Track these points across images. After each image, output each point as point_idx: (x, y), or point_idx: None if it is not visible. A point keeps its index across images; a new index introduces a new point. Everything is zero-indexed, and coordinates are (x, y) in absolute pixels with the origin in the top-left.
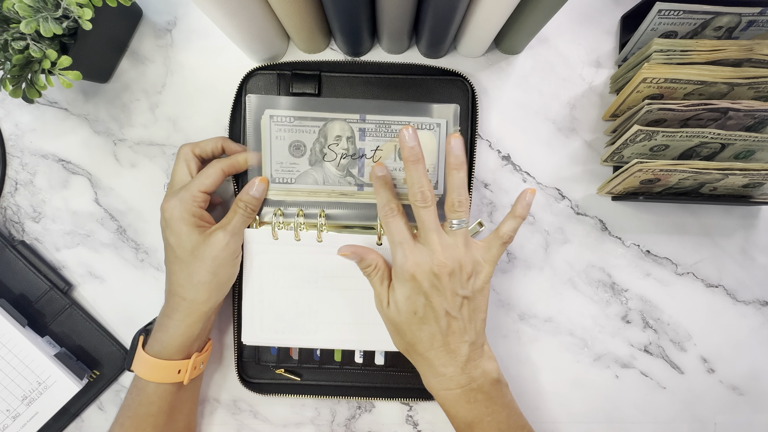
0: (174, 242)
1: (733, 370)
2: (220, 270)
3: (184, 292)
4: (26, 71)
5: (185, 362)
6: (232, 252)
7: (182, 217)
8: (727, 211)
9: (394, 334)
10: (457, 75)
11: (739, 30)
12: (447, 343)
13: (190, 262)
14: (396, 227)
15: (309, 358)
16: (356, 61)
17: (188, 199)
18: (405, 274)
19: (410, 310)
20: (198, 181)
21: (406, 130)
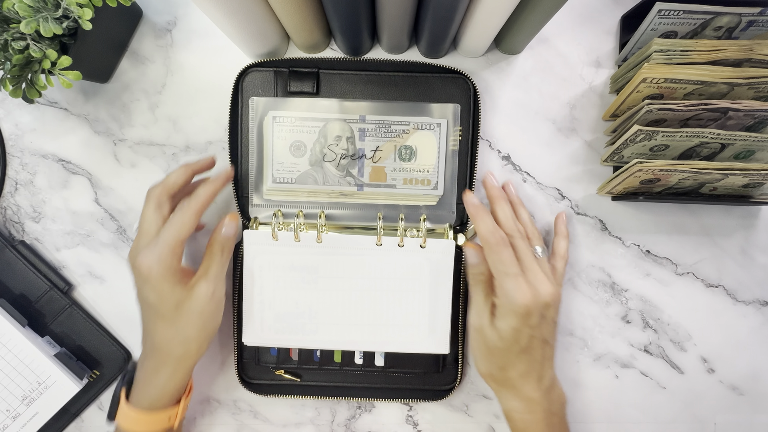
0: (155, 300)
1: (733, 370)
2: (208, 322)
3: (171, 349)
4: (26, 71)
5: (175, 408)
6: (218, 300)
7: (163, 276)
8: (727, 211)
9: (485, 356)
10: (458, 73)
11: (739, 30)
12: (541, 369)
13: (175, 318)
14: (508, 257)
15: (309, 359)
16: (356, 58)
17: (167, 255)
18: (519, 307)
19: (513, 340)
20: (174, 232)
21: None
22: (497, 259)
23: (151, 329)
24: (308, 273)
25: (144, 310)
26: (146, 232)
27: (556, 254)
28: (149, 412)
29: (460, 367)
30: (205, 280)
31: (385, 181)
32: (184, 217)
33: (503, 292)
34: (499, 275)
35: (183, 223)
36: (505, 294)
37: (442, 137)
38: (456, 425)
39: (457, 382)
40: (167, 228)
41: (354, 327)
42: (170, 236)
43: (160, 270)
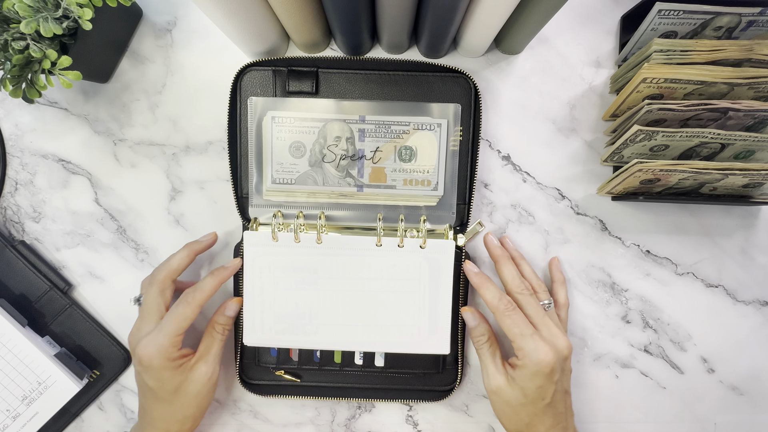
0: (154, 386)
1: (733, 370)
2: (205, 400)
3: (168, 427)
4: (26, 71)
5: None
6: (216, 380)
7: (163, 365)
8: (727, 211)
9: (511, 416)
10: (459, 72)
11: (739, 30)
12: (565, 420)
13: (173, 400)
14: (520, 319)
15: (309, 359)
16: (355, 57)
17: (168, 346)
18: (542, 366)
19: (539, 397)
20: (176, 324)
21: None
22: (511, 324)
23: (149, 408)
24: (308, 274)
25: (142, 391)
26: (148, 317)
27: (558, 303)
28: None
29: (460, 368)
30: (205, 362)
31: (385, 181)
32: (187, 310)
33: (524, 354)
34: (516, 338)
35: (185, 316)
36: (527, 355)
37: (442, 137)
38: (456, 425)
39: (457, 382)
40: (169, 319)
41: (354, 328)
42: (172, 328)
43: (160, 360)
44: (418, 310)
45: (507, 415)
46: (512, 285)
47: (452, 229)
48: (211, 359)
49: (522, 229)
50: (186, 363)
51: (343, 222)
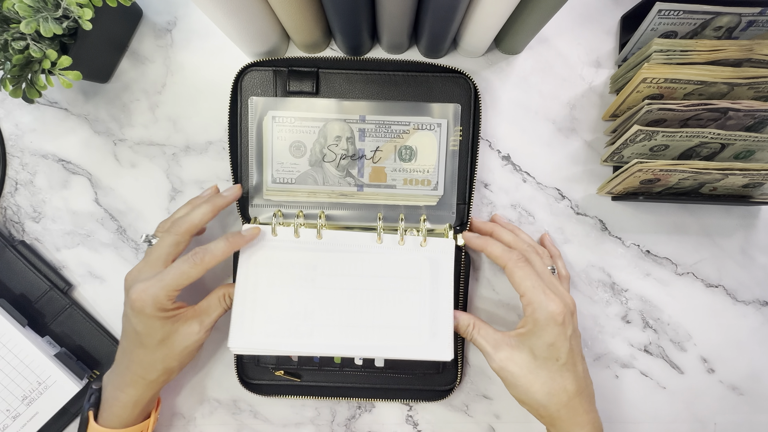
0: (142, 331)
1: (733, 370)
2: (187, 358)
3: (144, 374)
4: (26, 71)
5: (146, 422)
6: (202, 343)
7: (153, 314)
8: (727, 211)
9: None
10: (458, 72)
11: (739, 30)
12: (587, 386)
13: (156, 349)
14: (532, 272)
15: (309, 360)
16: (355, 57)
17: (163, 297)
18: (554, 316)
19: (552, 357)
20: (177, 278)
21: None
22: (523, 276)
23: (130, 351)
24: (306, 270)
25: (127, 334)
26: (154, 263)
27: (560, 275)
28: (120, 430)
29: (460, 368)
30: (200, 322)
31: (385, 181)
32: (192, 270)
33: (535, 307)
34: (527, 290)
35: (189, 276)
36: (538, 308)
37: (442, 137)
38: (456, 425)
39: (457, 382)
40: (171, 273)
41: (351, 329)
42: (171, 282)
43: (152, 310)
44: (419, 311)
45: (524, 390)
46: (516, 245)
47: (452, 228)
48: (207, 321)
49: (522, 229)
50: (178, 315)
51: (343, 221)
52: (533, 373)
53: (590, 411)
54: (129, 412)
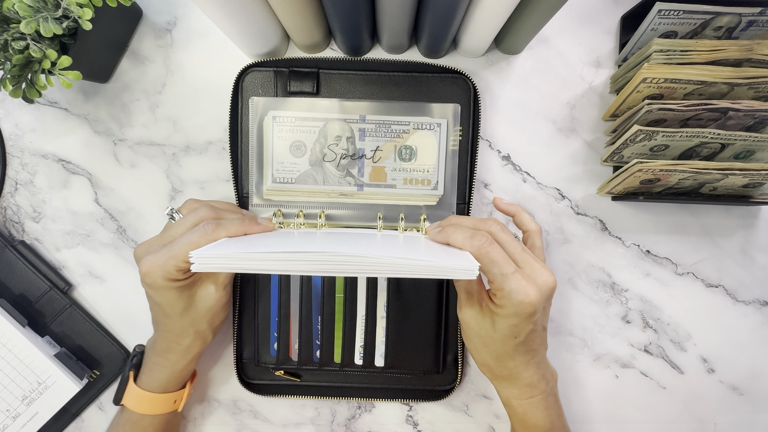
0: (162, 303)
1: (733, 370)
2: (215, 318)
3: (180, 340)
4: (26, 71)
5: (181, 392)
6: (226, 300)
7: (165, 285)
8: (727, 211)
9: (480, 347)
10: (458, 73)
11: (739, 30)
12: (538, 355)
13: (182, 317)
14: (500, 255)
15: (308, 359)
16: (355, 58)
17: (170, 269)
18: (523, 307)
19: (511, 335)
20: (185, 251)
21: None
22: (489, 262)
23: (159, 322)
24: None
25: (151, 305)
26: (167, 238)
27: (530, 230)
28: (157, 394)
29: (460, 368)
30: (214, 283)
31: (385, 181)
32: (201, 241)
33: (504, 295)
34: (496, 278)
35: (198, 245)
36: (507, 296)
37: (442, 137)
38: (456, 425)
39: (458, 382)
40: (181, 244)
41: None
42: (180, 253)
43: (163, 281)
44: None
45: (475, 346)
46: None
47: None
48: (221, 278)
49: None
50: (192, 280)
51: (343, 221)
52: (488, 339)
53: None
54: (167, 376)
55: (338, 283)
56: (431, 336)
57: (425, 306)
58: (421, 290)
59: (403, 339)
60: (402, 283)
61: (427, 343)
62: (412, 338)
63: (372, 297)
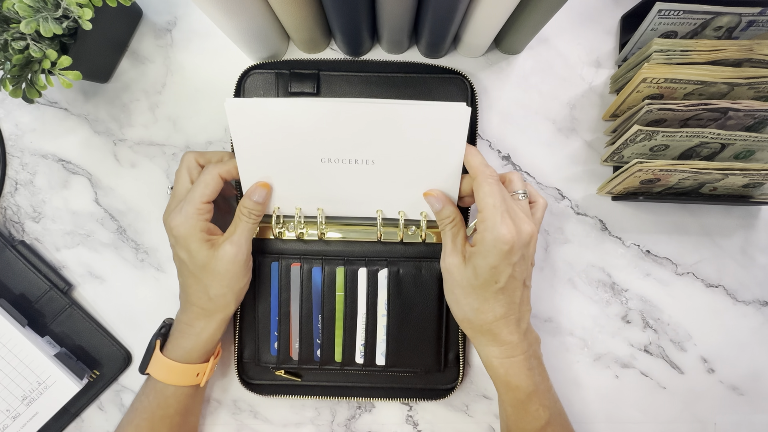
0: (186, 258)
1: (733, 370)
2: (234, 281)
3: (202, 304)
4: (26, 71)
5: (204, 365)
6: (243, 261)
7: (190, 234)
8: (727, 211)
9: (459, 298)
10: (456, 73)
11: (739, 30)
12: (519, 311)
13: (203, 276)
14: (498, 191)
15: (309, 358)
16: (355, 59)
17: (193, 214)
18: (502, 244)
19: (492, 279)
20: (198, 192)
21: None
22: (488, 191)
23: (185, 284)
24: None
25: (179, 267)
26: (177, 193)
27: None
28: (181, 364)
29: (461, 367)
30: (230, 242)
31: None
32: (207, 177)
33: (486, 226)
34: (486, 207)
35: (206, 183)
36: (488, 228)
37: None
38: (456, 425)
39: (459, 380)
40: (193, 188)
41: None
42: (195, 197)
43: (187, 228)
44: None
45: (456, 299)
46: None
47: None
48: (236, 239)
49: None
50: (213, 241)
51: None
52: (469, 288)
53: (514, 333)
54: (192, 344)
55: (338, 281)
56: (432, 334)
57: (426, 303)
58: (422, 287)
59: (404, 337)
60: (402, 281)
61: (428, 341)
62: (413, 336)
63: (372, 295)
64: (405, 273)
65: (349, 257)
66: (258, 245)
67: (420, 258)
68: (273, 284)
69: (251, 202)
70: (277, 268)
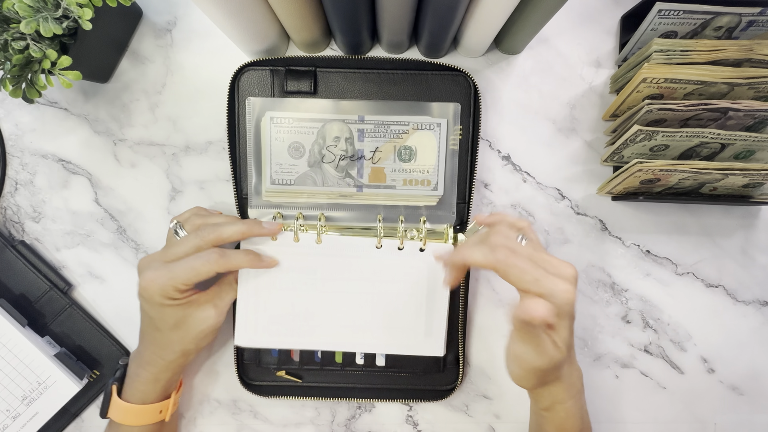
0: (155, 317)
1: (733, 370)
2: (204, 340)
3: (162, 354)
4: (26, 71)
5: (166, 402)
6: (218, 327)
7: (162, 303)
8: (727, 211)
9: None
10: (458, 71)
11: (739, 30)
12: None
13: (171, 333)
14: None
15: (310, 359)
16: (353, 56)
17: (169, 289)
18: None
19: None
20: (185, 275)
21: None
22: (519, 273)
23: (147, 333)
24: (306, 274)
25: (143, 317)
26: (169, 256)
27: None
28: (140, 405)
29: (461, 367)
30: (214, 306)
31: (384, 182)
32: (204, 268)
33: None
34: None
35: (199, 273)
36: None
37: (441, 137)
38: (456, 425)
39: (458, 381)
40: (183, 267)
41: (350, 329)
42: (181, 277)
43: (161, 298)
44: (416, 313)
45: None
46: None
47: (452, 228)
48: (221, 305)
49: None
50: (191, 301)
51: (343, 222)
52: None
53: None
54: (150, 388)
55: None
56: None
57: None
58: None
59: None
60: None
61: None
62: None
63: None
64: None
65: None
66: None
67: None
68: None
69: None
70: None
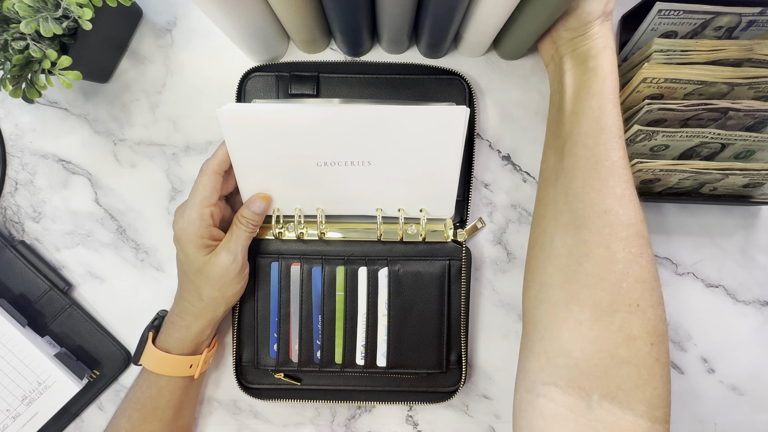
0: (183, 260)
1: (733, 370)
2: (226, 287)
3: (193, 302)
4: (26, 71)
5: (197, 357)
6: (238, 269)
7: (190, 240)
8: (727, 211)
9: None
10: (454, 74)
11: (739, 30)
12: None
13: (196, 279)
14: None
15: (309, 360)
16: (354, 61)
17: (195, 220)
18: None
19: None
20: (198, 197)
21: None
22: None
23: (180, 282)
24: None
25: (177, 265)
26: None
27: None
28: (172, 355)
29: (464, 368)
30: (226, 250)
31: None
32: (203, 179)
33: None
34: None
35: (204, 185)
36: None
37: None
38: (456, 425)
39: (462, 383)
40: (192, 193)
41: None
42: (195, 202)
43: (187, 236)
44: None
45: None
46: None
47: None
48: (232, 247)
49: (522, 229)
50: (212, 247)
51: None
52: None
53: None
54: (182, 335)
55: (338, 281)
56: (434, 334)
57: (427, 303)
58: (423, 287)
59: (406, 337)
60: (403, 280)
61: (430, 342)
62: (415, 336)
63: (373, 294)
64: (405, 272)
65: (349, 257)
66: (258, 245)
67: (420, 257)
68: (273, 285)
69: (250, 212)
70: (277, 269)
